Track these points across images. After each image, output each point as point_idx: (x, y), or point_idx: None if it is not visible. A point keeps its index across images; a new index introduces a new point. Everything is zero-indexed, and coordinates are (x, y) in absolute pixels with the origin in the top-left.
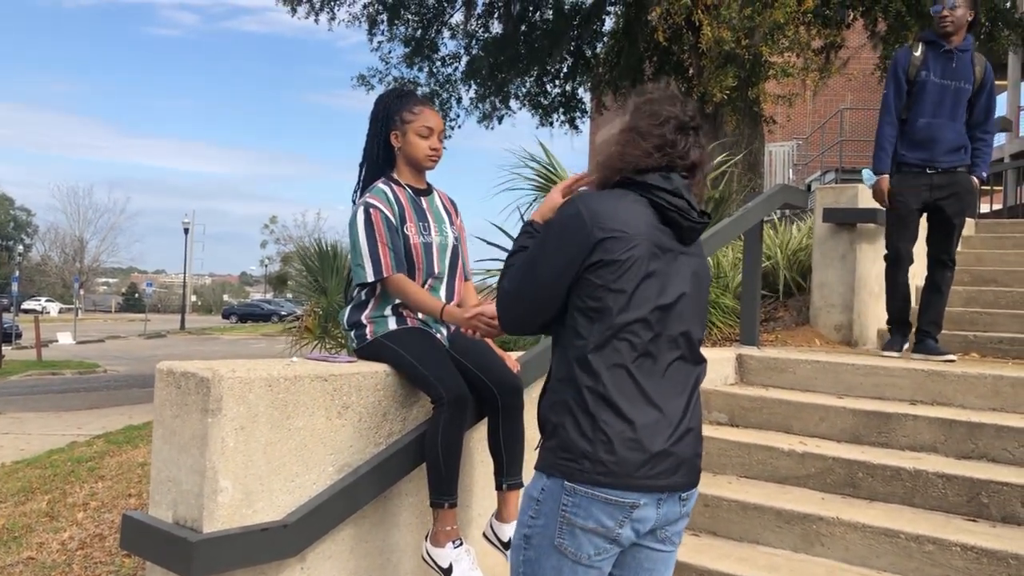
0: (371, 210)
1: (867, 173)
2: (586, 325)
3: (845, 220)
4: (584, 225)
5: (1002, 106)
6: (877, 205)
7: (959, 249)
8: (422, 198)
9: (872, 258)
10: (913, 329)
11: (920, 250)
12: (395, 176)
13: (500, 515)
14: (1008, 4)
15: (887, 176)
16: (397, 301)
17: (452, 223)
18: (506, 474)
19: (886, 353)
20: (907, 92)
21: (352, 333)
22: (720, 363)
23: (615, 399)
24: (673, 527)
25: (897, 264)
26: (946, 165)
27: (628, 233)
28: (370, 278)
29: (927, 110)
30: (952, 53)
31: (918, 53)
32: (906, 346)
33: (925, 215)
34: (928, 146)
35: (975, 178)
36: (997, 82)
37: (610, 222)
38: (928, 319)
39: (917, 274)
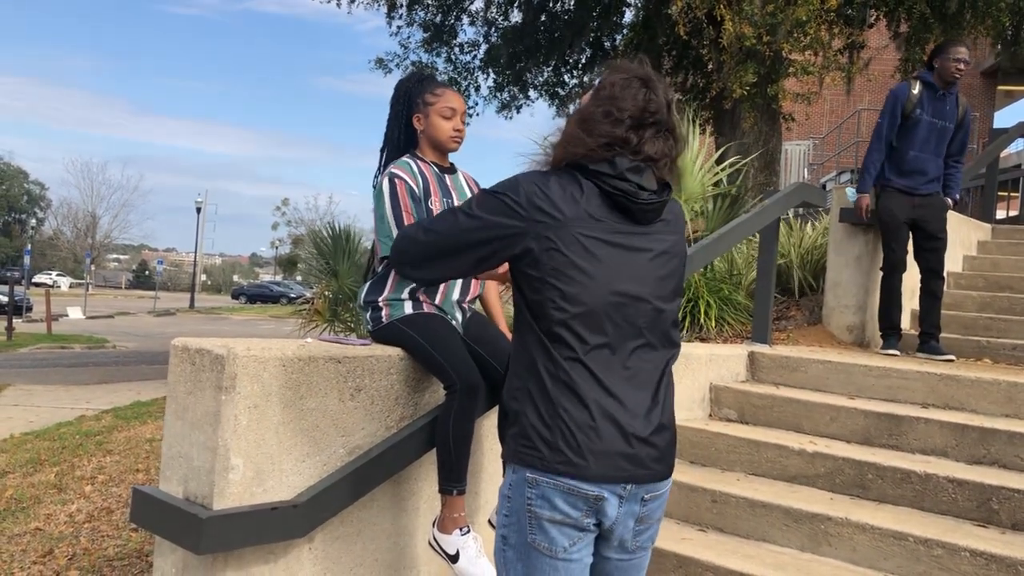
0: (396, 180)
1: (850, 191)
2: (536, 312)
3: (861, 221)
4: (522, 204)
5: (1021, 111)
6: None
7: (974, 255)
8: (447, 175)
9: None
10: (914, 332)
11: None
12: (419, 154)
13: None
14: None
15: (867, 195)
16: (414, 285)
17: None
18: None
19: (890, 352)
20: (899, 125)
21: (367, 315)
22: (731, 360)
23: (576, 386)
24: (643, 535)
25: (895, 271)
26: (924, 192)
27: (564, 218)
28: None
29: (916, 144)
30: (945, 96)
31: (916, 91)
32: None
33: (911, 232)
34: (913, 176)
35: (948, 199)
36: (1015, 88)
37: (549, 207)
38: (930, 323)
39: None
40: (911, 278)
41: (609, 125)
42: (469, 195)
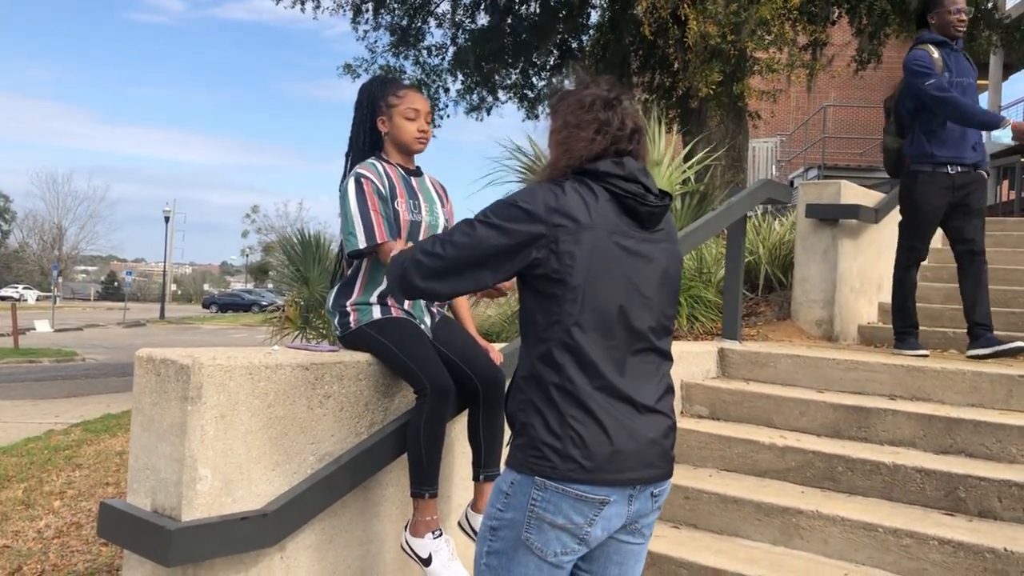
0: (362, 180)
1: (997, 132)
2: (545, 321)
3: (827, 216)
4: (539, 209)
5: (983, 105)
6: (859, 201)
7: (939, 247)
8: (412, 178)
9: (854, 254)
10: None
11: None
12: (385, 156)
13: (476, 505)
14: (990, 5)
15: (1008, 118)
16: (382, 288)
17: (443, 206)
18: (484, 465)
19: (921, 353)
20: None
21: (336, 320)
22: (702, 357)
23: (581, 395)
24: (644, 519)
25: (916, 265)
26: (971, 161)
27: (581, 223)
28: (362, 244)
29: None
30: (959, 52)
31: (936, 55)
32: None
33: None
34: (958, 144)
35: (983, 171)
36: (979, 82)
37: (568, 211)
38: (981, 313)
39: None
40: (874, 271)
41: (587, 112)
42: (436, 199)
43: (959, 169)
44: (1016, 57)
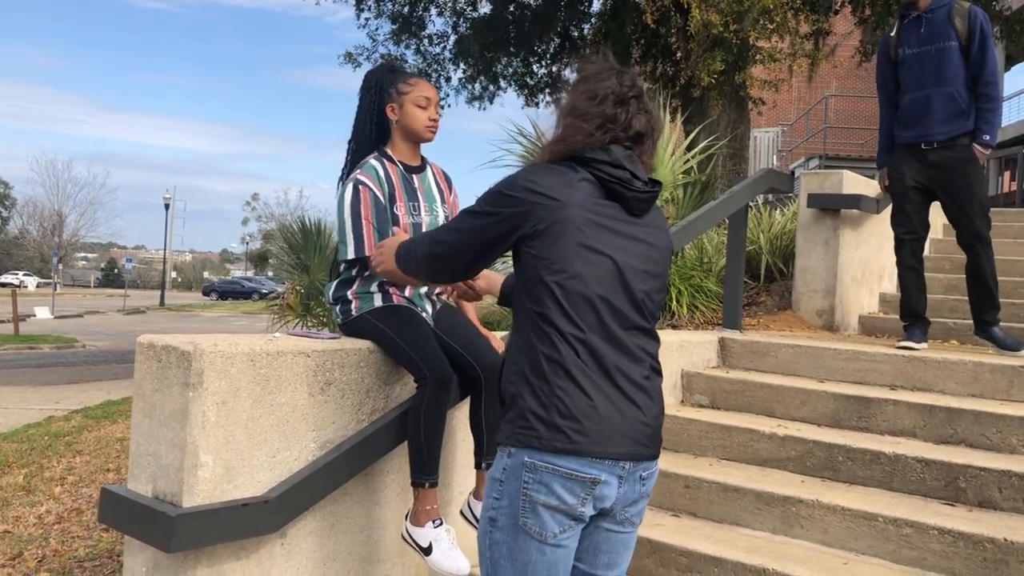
0: (360, 187)
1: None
2: (535, 294)
3: (829, 206)
4: (518, 192)
5: None
6: (860, 191)
7: (940, 237)
8: (414, 175)
9: (855, 244)
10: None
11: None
12: (388, 151)
13: (478, 493)
14: None
15: (885, 168)
16: (383, 277)
17: (444, 200)
18: (486, 453)
19: (907, 344)
20: (896, 74)
21: (337, 308)
22: (702, 346)
23: (570, 367)
24: (633, 508)
25: (901, 246)
26: (943, 136)
27: (559, 200)
28: (351, 255)
29: (911, 84)
30: (923, 18)
31: (894, 32)
32: (924, 344)
33: (935, 200)
34: (919, 121)
35: (977, 145)
36: None
37: (545, 190)
38: (980, 307)
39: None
40: (875, 261)
41: (596, 105)
42: (436, 194)
43: (932, 145)
44: (1016, 49)
